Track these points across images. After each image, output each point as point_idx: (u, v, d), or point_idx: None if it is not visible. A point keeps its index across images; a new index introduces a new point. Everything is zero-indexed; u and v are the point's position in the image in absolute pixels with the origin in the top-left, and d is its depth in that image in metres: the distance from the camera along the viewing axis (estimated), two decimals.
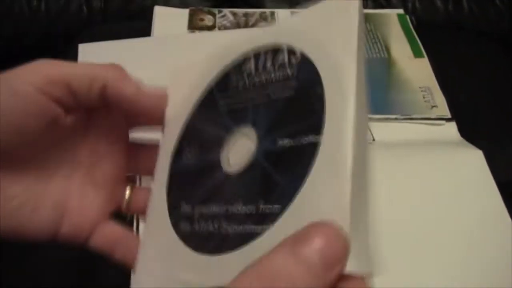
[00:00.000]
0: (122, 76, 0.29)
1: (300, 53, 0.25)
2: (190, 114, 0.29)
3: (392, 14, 0.73)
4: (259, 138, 0.25)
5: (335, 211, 0.19)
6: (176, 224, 0.26)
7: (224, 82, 0.29)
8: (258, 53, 0.28)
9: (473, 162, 0.54)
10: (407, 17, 0.72)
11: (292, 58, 0.25)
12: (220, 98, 0.29)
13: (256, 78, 0.27)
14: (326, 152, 0.21)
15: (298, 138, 0.23)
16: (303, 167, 0.21)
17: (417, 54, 0.66)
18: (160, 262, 0.26)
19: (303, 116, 0.23)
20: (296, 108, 0.24)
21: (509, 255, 0.46)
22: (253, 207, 0.23)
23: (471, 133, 0.58)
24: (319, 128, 0.22)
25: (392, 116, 0.59)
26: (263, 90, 0.26)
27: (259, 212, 0.22)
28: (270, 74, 0.26)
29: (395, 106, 0.60)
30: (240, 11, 0.73)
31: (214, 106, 0.29)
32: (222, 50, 0.30)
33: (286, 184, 0.22)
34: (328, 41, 0.24)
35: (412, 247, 0.47)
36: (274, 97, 0.25)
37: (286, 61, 0.26)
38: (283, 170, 0.23)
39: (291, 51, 0.26)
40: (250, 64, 0.28)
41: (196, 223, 0.25)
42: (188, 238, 0.25)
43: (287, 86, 0.25)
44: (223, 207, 0.24)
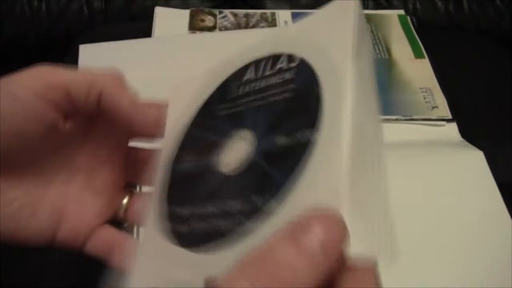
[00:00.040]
0: (119, 86, 0.28)
1: (299, 58, 0.25)
2: (189, 123, 0.30)
3: (393, 15, 0.73)
4: (256, 139, 0.25)
5: (332, 201, 0.19)
6: (173, 227, 0.26)
7: (223, 92, 0.29)
8: (258, 61, 0.28)
9: (473, 163, 0.54)
10: (408, 18, 0.73)
11: (291, 63, 0.25)
12: (219, 105, 0.29)
13: (256, 85, 0.27)
14: (322, 146, 0.21)
15: (295, 135, 0.23)
16: (299, 161, 0.21)
17: (417, 54, 0.66)
18: (156, 263, 0.26)
19: (300, 113, 0.23)
20: (293, 107, 0.24)
21: (509, 255, 0.46)
22: (248, 204, 0.23)
23: (471, 133, 0.58)
24: (315, 123, 0.22)
25: (393, 117, 0.59)
26: (262, 95, 0.26)
27: (255, 208, 0.22)
28: (269, 80, 0.26)
29: (395, 107, 0.60)
30: (240, 11, 0.73)
31: (212, 114, 0.29)
32: (222, 63, 0.30)
33: (282, 179, 0.22)
34: (326, 42, 0.24)
35: (413, 248, 0.47)
36: (272, 99, 0.25)
37: (285, 66, 0.26)
38: (279, 166, 0.23)
39: (290, 56, 0.26)
40: (250, 73, 0.28)
41: (192, 225, 0.25)
42: (185, 239, 0.25)
43: (286, 89, 0.25)
44: (219, 206, 0.24)
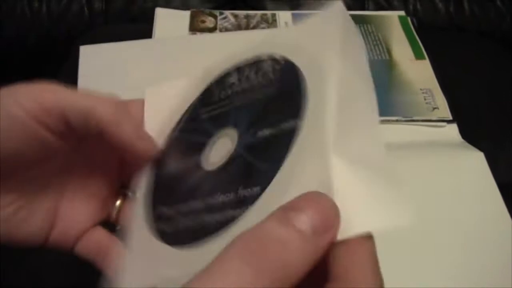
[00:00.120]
0: (120, 117, 0.27)
1: (283, 59, 0.26)
2: (174, 128, 0.30)
3: (393, 16, 0.73)
4: (239, 135, 0.25)
5: (320, 184, 0.19)
6: (158, 227, 0.26)
7: (206, 97, 0.30)
8: (240, 67, 0.28)
9: (474, 164, 0.54)
10: (409, 19, 0.72)
11: (275, 66, 0.26)
12: (202, 109, 0.29)
13: (239, 87, 0.27)
14: (306, 133, 0.21)
15: (278, 125, 0.23)
16: (283, 149, 0.21)
17: (418, 56, 0.66)
18: (145, 263, 0.26)
19: (284, 106, 0.23)
20: (277, 101, 0.24)
21: (509, 255, 0.46)
22: (232, 194, 0.23)
23: (472, 134, 0.58)
24: (299, 112, 0.22)
25: (393, 118, 0.59)
26: (246, 95, 0.27)
27: (238, 197, 0.22)
28: (253, 81, 0.27)
29: (396, 108, 0.60)
30: (241, 13, 0.73)
31: (197, 117, 0.29)
32: (204, 71, 0.31)
33: (266, 167, 0.22)
34: (310, 44, 0.24)
35: (413, 248, 0.47)
36: (255, 97, 0.26)
37: (268, 67, 0.26)
38: (264, 156, 0.23)
39: (274, 60, 0.26)
40: (233, 77, 0.28)
41: (177, 222, 0.25)
42: (170, 237, 0.25)
43: (269, 87, 0.25)
44: (203, 202, 0.25)
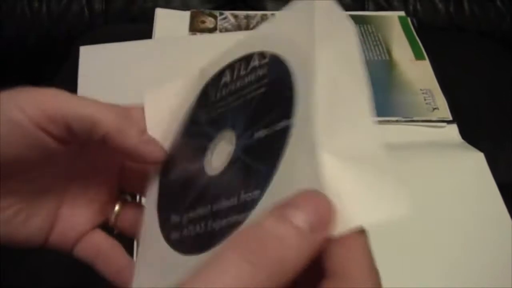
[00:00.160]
0: (125, 124, 0.28)
1: (270, 54, 0.26)
2: (175, 133, 0.30)
3: (393, 16, 0.73)
4: (237, 137, 0.26)
5: (312, 182, 0.19)
6: (167, 235, 0.27)
7: (204, 98, 0.30)
8: (232, 64, 0.29)
9: (474, 164, 0.54)
10: (409, 19, 0.73)
11: (262, 60, 0.26)
12: (201, 111, 0.30)
13: (233, 86, 0.28)
14: (298, 132, 0.21)
15: (272, 126, 0.23)
16: (278, 150, 0.22)
17: (418, 56, 0.66)
18: (155, 270, 0.26)
19: (276, 105, 0.24)
20: (269, 100, 0.25)
21: (509, 256, 0.46)
22: (235, 199, 0.23)
23: (472, 134, 0.58)
24: (290, 112, 0.22)
25: (393, 118, 0.59)
26: (239, 94, 0.27)
27: (241, 201, 0.23)
28: (244, 79, 0.27)
29: (396, 109, 0.60)
30: (241, 13, 0.73)
31: (196, 121, 0.30)
32: (200, 70, 0.31)
33: (264, 169, 0.22)
34: (294, 36, 0.24)
35: (413, 248, 0.47)
36: (249, 97, 0.26)
37: (258, 64, 0.26)
38: (261, 159, 0.23)
39: (261, 54, 0.27)
40: (226, 76, 0.29)
41: (185, 229, 0.26)
42: (179, 244, 0.26)
43: (261, 84, 0.26)
44: (208, 207, 0.25)
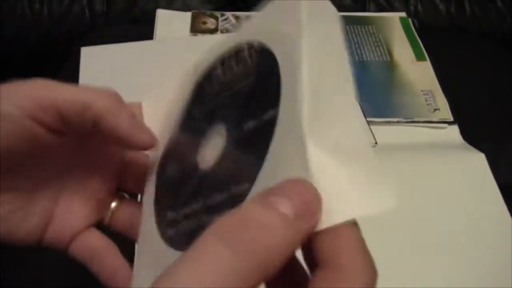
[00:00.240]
0: (116, 107, 0.27)
1: (257, 43, 0.26)
2: (171, 131, 0.30)
3: (394, 17, 0.73)
4: (228, 130, 0.26)
5: (297, 170, 0.19)
6: (164, 232, 0.27)
7: (197, 94, 0.30)
8: (222, 57, 0.29)
9: (475, 165, 0.54)
10: (410, 20, 0.73)
11: (251, 51, 0.26)
12: (195, 108, 0.30)
13: (223, 79, 0.28)
14: (284, 122, 0.21)
15: (260, 117, 0.23)
16: (265, 141, 0.22)
17: (419, 57, 0.66)
18: (154, 268, 0.26)
19: (263, 95, 0.24)
20: (256, 91, 0.25)
21: (509, 256, 0.46)
22: (226, 193, 0.23)
23: (473, 135, 0.58)
24: (276, 101, 0.22)
25: (395, 119, 0.59)
26: (230, 86, 0.27)
27: (231, 195, 0.23)
28: (234, 71, 0.27)
29: (397, 109, 0.60)
30: (242, 14, 0.73)
31: (191, 117, 0.30)
32: (191, 67, 0.31)
33: (252, 162, 0.22)
34: (280, 24, 0.24)
35: (414, 248, 0.47)
36: (237, 88, 0.26)
37: (247, 55, 0.26)
38: (250, 151, 0.23)
39: (249, 44, 0.26)
40: (218, 70, 0.29)
41: (180, 225, 0.26)
42: (174, 240, 0.26)
43: (249, 75, 0.26)
44: (201, 202, 0.25)
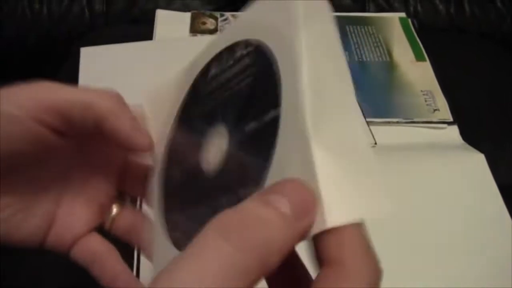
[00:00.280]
0: (118, 111, 0.27)
1: (254, 41, 0.25)
2: (171, 133, 0.30)
3: (394, 18, 0.73)
4: (229, 131, 0.25)
5: (303, 172, 0.19)
6: (173, 235, 0.27)
7: (194, 93, 0.30)
8: (219, 55, 0.28)
9: (474, 166, 0.54)
10: (409, 20, 0.73)
11: (247, 49, 0.26)
12: (193, 107, 0.29)
13: (221, 78, 0.27)
14: (287, 122, 0.21)
15: (261, 118, 0.23)
16: (269, 143, 0.22)
17: (419, 57, 0.66)
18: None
19: (263, 95, 0.23)
20: (255, 91, 0.24)
21: (509, 257, 0.46)
22: (233, 195, 0.23)
23: (473, 135, 0.58)
24: (277, 101, 0.22)
25: (394, 120, 0.59)
26: (228, 85, 0.27)
27: (239, 197, 0.22)
28: (232, 70, 0.27)
29: (397, 110, 0.60)
30: None
31: (189, 117, 0.29)
32: (188, 66, 0.31)
33: (258, 163, 0.22)
34: (276, 21, 0.24)
35: (414, 249, 0.47)
36: (237, 88, 0.26)
37: (244, 52, 0.26)
38: (254, 152, 0.23)
39: (245, 42, 0.26)
40: (215, 68, 0.28)
41: (188, 229, 0.26)
42: (182, 244, 0.26)
43: (247, 74, 0.25)
44: (208, 206, 0.25)
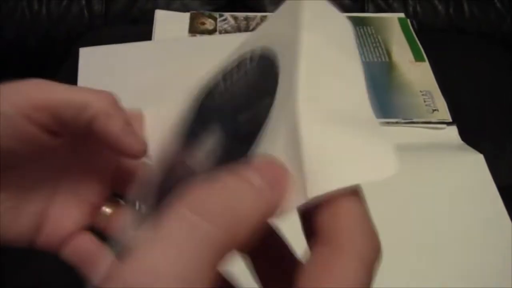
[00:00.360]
0: (111, 109, 0.27)
1: (261, 48, 0.26)
2: (173, 147, 0.30)
3: (393, 18, 0.73)
4: (223, 126, 0.26)
5: (287, 148, 0.20)
6: None
7: (199, 111, 0.30)
8: (226, 73, 0.28)
9: (473, 166, 0.54)
10: (408, 21, 0.73)
11: (253, 55, 0.26)
12: (197, 126, 0.30)
13: (226, 92, 0.28)
14: (278, 104, 0.22)
15: (255, 106, 0.23)
16: (260, 126, 0.22)
17: (418, 57, 0.66)
18: None
19: (260, 88, 0.24)
20: (254, 86, 0.25)
21: (509, 257, 0.46)
22: None
23: (473, 136, 0.58)
24: (273, 90, 0.22)
25: (393, 120, 0.59)
26: (229, 93, 0.27)
27: None
28: (236, 81, 0.27)
29: (396, 110, 0.60)
30: (241, 15, 0.73)
31: (193, 134, 0.30)
32: (196, 84, 0.31)
33: (249, 149, 0.22)
34: (282, 27, 0.24)
35: (414, 249, 0.47)
36: (235, 89, 0.26)
37: (248, 61, 0.27)
38: (245, 139, 0.23)
39: (252, 51, 0.27)
40: (220, 86, 0.29)
41: None
42: None
43: (248, 75, 0.26)
44: None
